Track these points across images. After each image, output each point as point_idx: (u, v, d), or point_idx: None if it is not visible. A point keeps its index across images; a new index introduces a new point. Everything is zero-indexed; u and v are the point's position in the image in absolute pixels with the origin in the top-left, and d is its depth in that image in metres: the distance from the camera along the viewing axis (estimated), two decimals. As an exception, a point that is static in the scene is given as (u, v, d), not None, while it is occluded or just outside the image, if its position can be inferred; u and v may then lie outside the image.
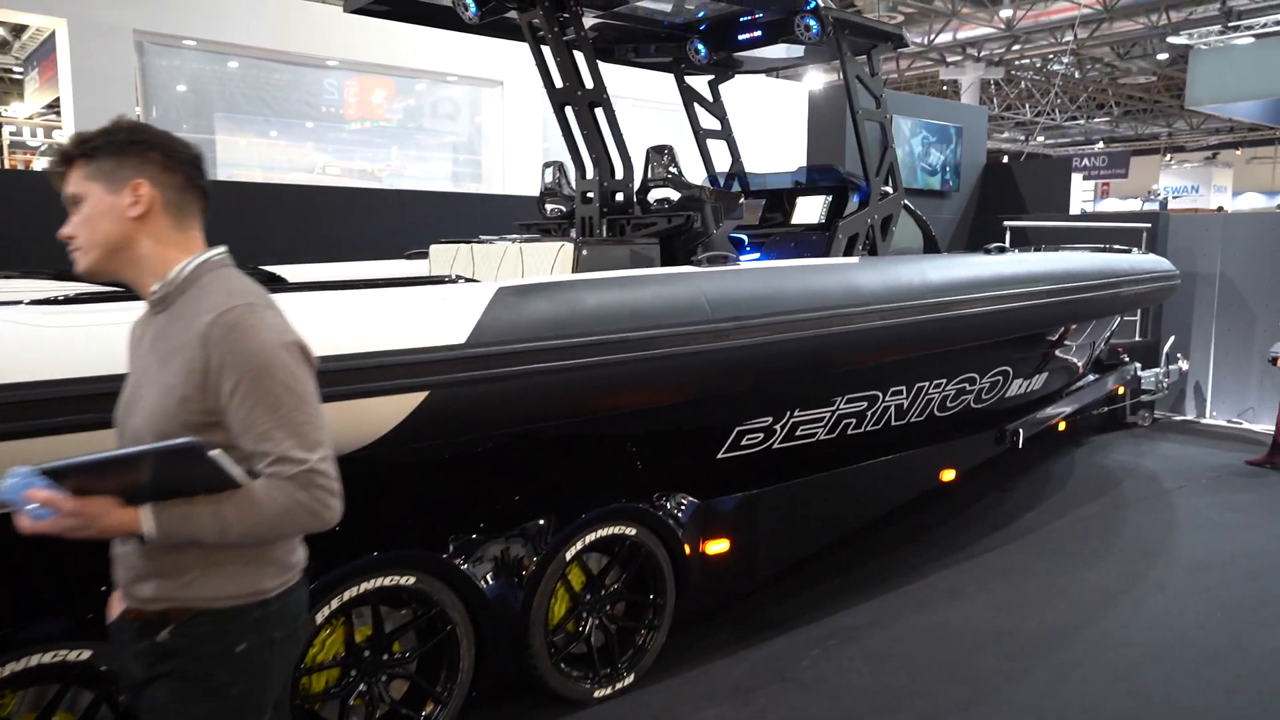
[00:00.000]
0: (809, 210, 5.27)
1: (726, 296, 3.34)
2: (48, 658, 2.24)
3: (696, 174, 5.23)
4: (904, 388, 4.49)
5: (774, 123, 10.41)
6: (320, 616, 2.60)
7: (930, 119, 9.50)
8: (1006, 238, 8.11)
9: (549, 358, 2.82)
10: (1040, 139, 36.41)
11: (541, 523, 3.11)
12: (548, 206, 4.97)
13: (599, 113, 4.32)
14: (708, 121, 5.66)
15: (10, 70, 22.79)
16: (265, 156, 9.34)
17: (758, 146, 5.62)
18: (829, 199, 5.20)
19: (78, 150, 1.47)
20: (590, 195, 4.46)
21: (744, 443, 3.96)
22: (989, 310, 4.30)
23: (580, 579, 3.27)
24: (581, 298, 3.00)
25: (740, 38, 5.13)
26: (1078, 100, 30.68)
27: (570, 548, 3.16)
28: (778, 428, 4.04)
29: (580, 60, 4.32)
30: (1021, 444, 5.13)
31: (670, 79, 5.61)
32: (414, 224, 6.64)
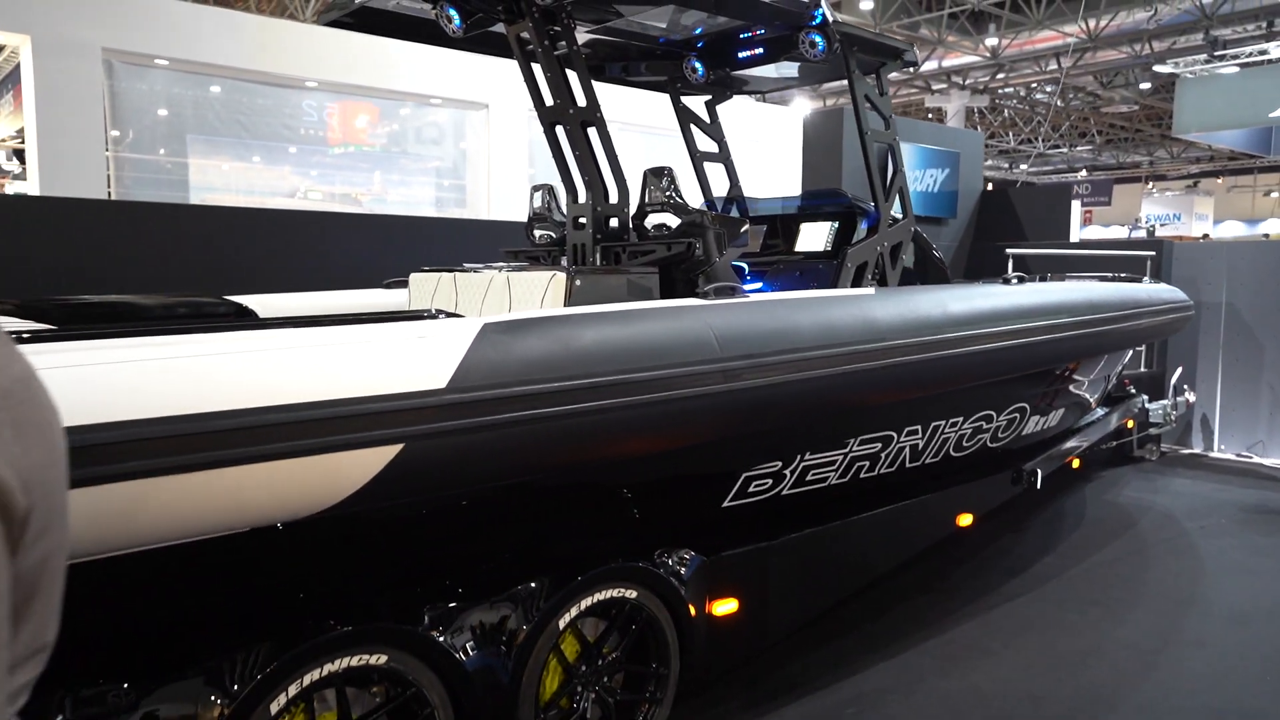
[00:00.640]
0: (814, 237, 4.98)
1: (737, 332, 3.02)
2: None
3: (692, 199, 4.94)
4: (919, 427, 4.18)
5: (761, 148, 10.17)
6: (275, 706, 2.24)
7: (926, 144, 9.29)
8: (1009, 265, 7.86)
9: (541, 403, 2.49)
10: (1024, 167, 36.65)
11: (532, 586, 2.76)
12: (536, 232, 4.66)
13: (592, 133, 4.02)
14: (704, 144, 5.38)
15: (-14, 94, 22.46)
16: (241, 181, 9.01)
17: (744, 172, 5.31)
18: (835, 225, 4.92)
19: None
20: (583, 221, 4.15)
21: (751, 490, 3.64)
22: (1015, 344, 4.01)
23: (575, 648, 2.92)
24: (577, 334, 2.67)
25: (740, 55, 4.86)
26: (1060, 129, 30.86)
27: (564, 614, 2.81)
28: (788, 473, 3.72)
29: (572, 77, 4.03)
30: (1040, 484, 4.83)
31: (658, 101, 5.34)
32: (395, 250, 6.31)
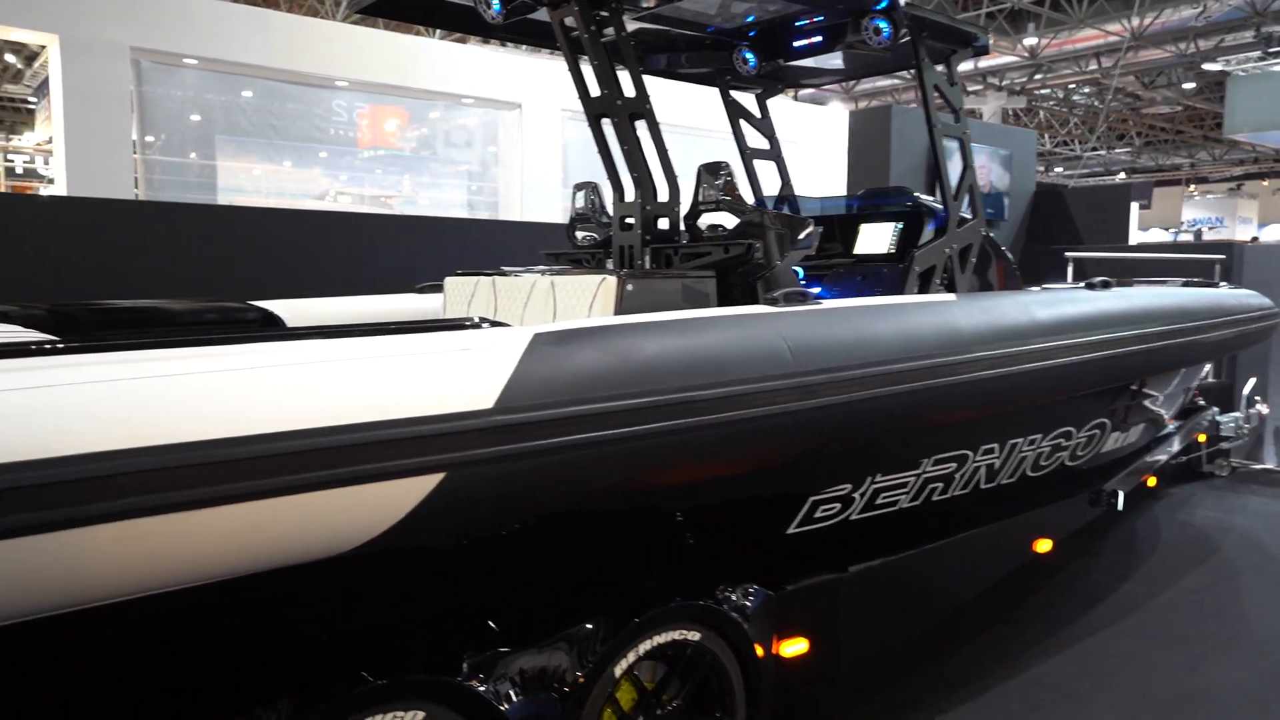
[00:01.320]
0: (875, 239, 4.65)
1: (812, 343, 2.71)
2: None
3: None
4: (995, 445, 3.83)
5: (798, 149, 9.84)
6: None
7: (974, 142, 8.89)
8: (1069, 270, 7.47)
9: (599, 425, 2.18)
10: (1059, 170, 35.96)
11: (588, 628, 2.45)
12: (579, 234, 4.37)
13: (641, 127, 3.72)
14: (753, 141, 5.06)
15: (26, 101, 22.64)
16: (270, 183, 8.82)
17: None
18: (898, 226, 4.58)
19: None
20: (630, 221, 3.85)
21: (818, 515, 3.31)
22: (1107, 354, 3.65)
23: (631, 697, 2.61)
24: (637, 346, 2.37)
25: (795, 45, 4.54)
26: (1097, 130, 30.18)
27: (621, 660, 2.50)
28: (857, 496, 3.39)
29: (621, 66, 3.73)
30: (1121, 505, 4.46)
31: (695, 99, 5.03)
32: (426, 253, 6.06)
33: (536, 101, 9.49)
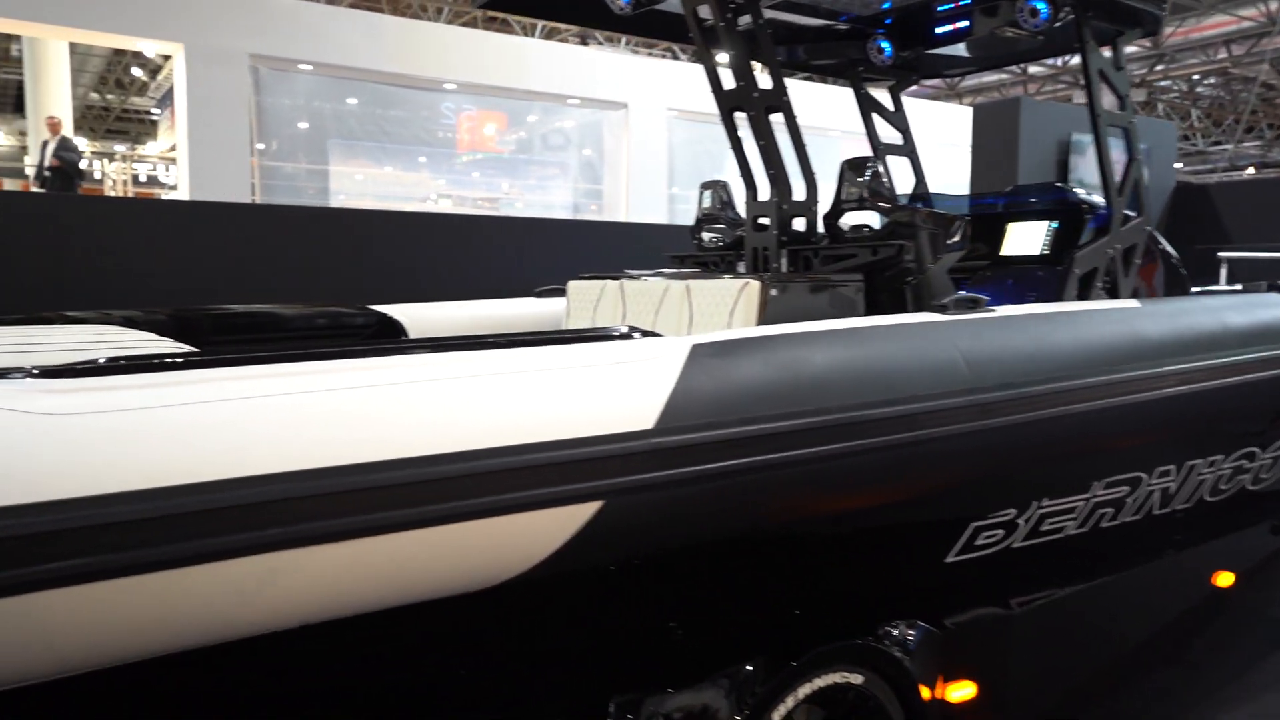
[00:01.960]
0: (1025, 239, 4.28)
1: (990, 356, 2.42)
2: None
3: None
4: (1172, 467, 3.45)
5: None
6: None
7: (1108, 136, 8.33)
8: (1222, 273, 6.88)
9: (767, 447, 1.96)
10: (1179, 165, 34.07)
11: (748, 669, 2.23)
12: (705, 235, 4.15)
13: (773, 120, 3.49)
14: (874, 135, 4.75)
15: (149, 112, 23.85)
16: (382, 187, 8.90)
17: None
18: (1052, 225, 4.20)
19: None
20: (764, 220, 3.61)
21: (979, 542, 3.01)
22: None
23: (787, 746, 2.37)
24: (805, 359, 2.14)
25: (937, 31, 4.23)
26: (1222, 124, 28.35)
27: (779, 706, 2.27)
28: (1021, 522, 3.07)
29: (755, 55, 3.51)
30: (1309, 536, 4.00)
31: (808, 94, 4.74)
32: (535, 254, 5.94)
33: (642, 101, 9.33)
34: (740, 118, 3.69)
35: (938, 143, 9.46)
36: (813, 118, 4.61)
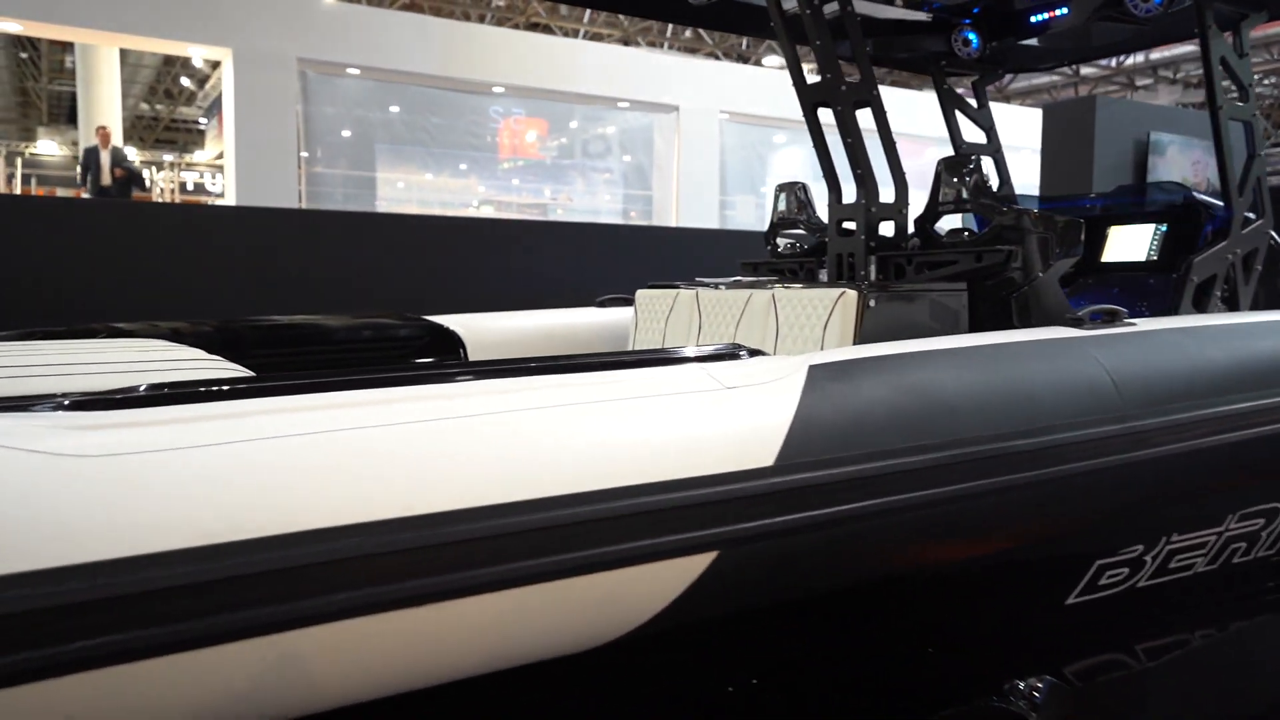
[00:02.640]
0: (1130, 244, 3.95)
1: (1140, 377, 2.12)
2: None
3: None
4: (1312, 496, 3.10)
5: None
6: None
7: (1190, 135, 7.91)
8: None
9: (900, 486, 1.69)
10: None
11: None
12: (780, 241, 3.88)
13: (855, 116, 3.22)
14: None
15: (197, 122, 24.16)
16: (430, 194, 8.74)
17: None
18: (1160, 228, 3.87)
19: None
20: (849, 225, 3.33)
21: (1103, 582, 2.70)
22: None
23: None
24: (935, 382, 1.86)
25: (1033, 19, 3.91)
26: (1286, 124, 27.36)
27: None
28: (1149, 559, 2.75)
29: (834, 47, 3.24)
30: None
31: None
32: (587, 261, 5.71)
33: (693, 104, 9.07)
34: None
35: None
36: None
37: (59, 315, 3.95)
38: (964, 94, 4.34)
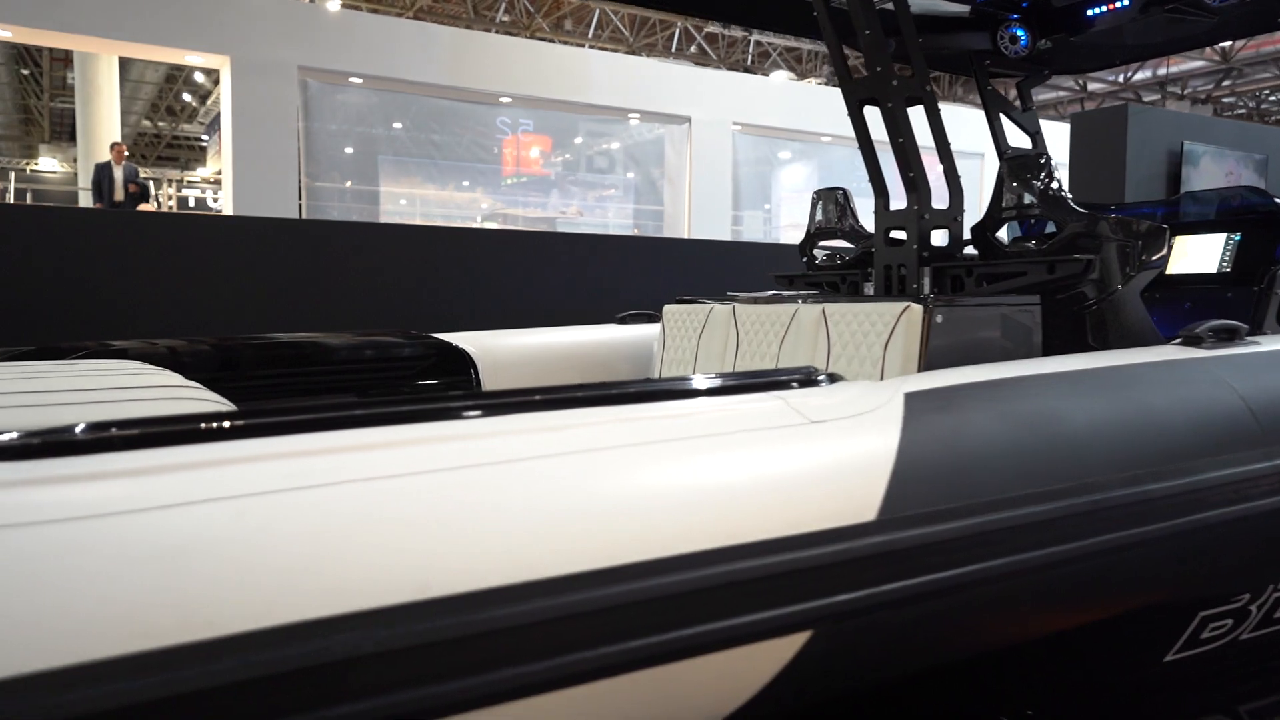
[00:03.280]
0: (1199, 254, 3.65)
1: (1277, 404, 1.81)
2: None
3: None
4: None
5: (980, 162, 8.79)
6: None
7: (1221, 146, 7.63)
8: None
9: (1025, 541, 1.37)
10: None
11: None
12: (819, 252, 3.58)
13: (907, 114, 2.93)
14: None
15: (199, 139, 24.03)
16: (429, 207, 8.47)
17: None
18: (1234, 237, 3.57)
19: None
20: (899, 235, 3.04)
21: (1205, 635, 2.37)
22: None
23: None
24: (1057, 412, 1.55)
25: (1090, 12, 3.63)
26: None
27: None
28: (1254, 608, 2.43)
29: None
30: None
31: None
32: (596, 273, 5.42)
33: (705, 115, 8.81)
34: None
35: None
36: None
37: (61, 315, 3.74)
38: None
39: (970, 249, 3.17)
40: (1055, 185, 2.75)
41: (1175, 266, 3.71)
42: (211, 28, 6.97)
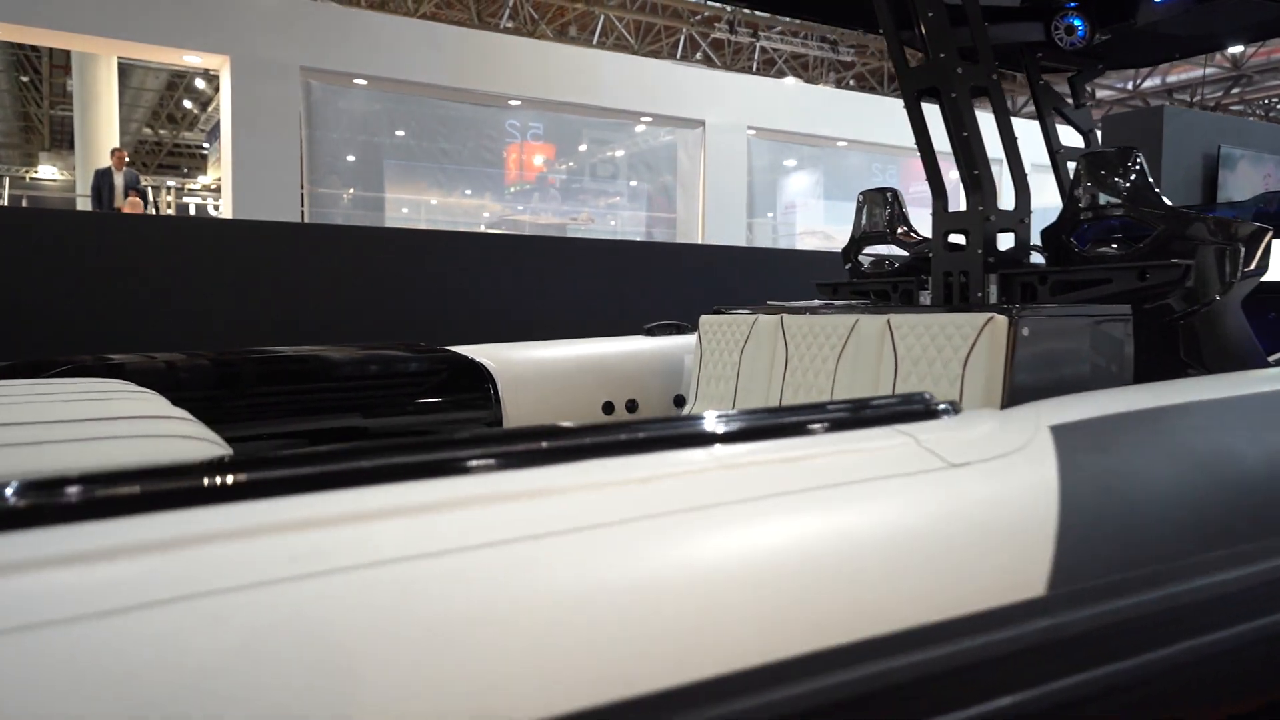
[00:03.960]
0: None
1: None
2: None
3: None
4: None
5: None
6: None
7: (1259, 150, 7.38)
8: None
9: (1228, 610, 1.09)
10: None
11: None
12: (864, 259, 3.31)
13: (971, 106, 2.67)
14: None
15: (200, 146, 23.86)
16: (435, 213, 8.21)
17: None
18: (1317, 243, 3.29)
19: None
20: (960, 239, 2.77)
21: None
22: None
23: None
24: (1225, 446, 1.27)
25: (1157, 0, 3.37)
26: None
27: None
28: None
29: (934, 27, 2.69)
30: None
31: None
32: (612, 281, 5.15)
33: (720, 118, 8.56)
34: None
35: (1030, 165, 8.59)
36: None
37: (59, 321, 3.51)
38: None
39: (1036, 255, 2.91)
40: (1149, 181, 2.48)
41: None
42: (211, 26, 6.72)
